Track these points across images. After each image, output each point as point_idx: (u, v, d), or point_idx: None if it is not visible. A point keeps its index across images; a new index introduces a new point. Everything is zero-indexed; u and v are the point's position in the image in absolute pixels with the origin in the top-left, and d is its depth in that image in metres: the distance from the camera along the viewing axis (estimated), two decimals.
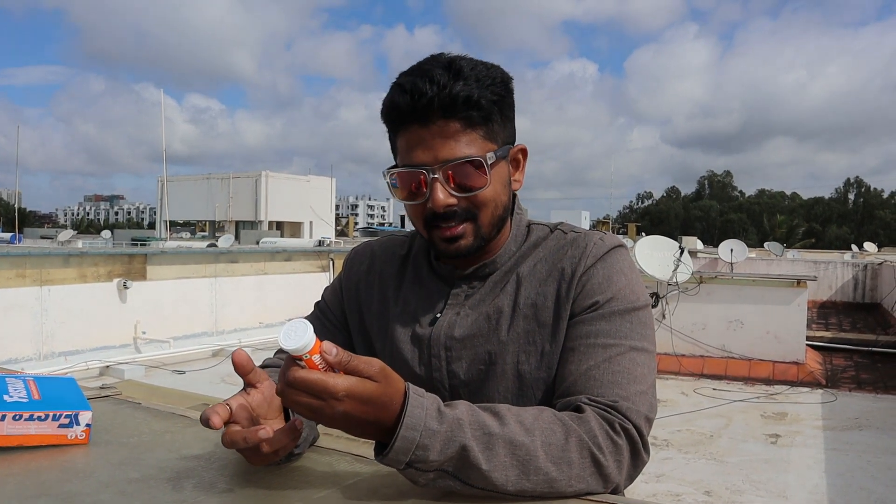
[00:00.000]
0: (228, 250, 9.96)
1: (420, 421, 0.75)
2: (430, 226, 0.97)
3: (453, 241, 0.96)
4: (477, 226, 0.97)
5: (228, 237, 22.72)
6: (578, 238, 1.01)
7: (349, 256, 1.19)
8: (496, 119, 0.95)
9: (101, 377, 6.83)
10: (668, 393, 6.44)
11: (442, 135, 0.92)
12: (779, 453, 4.80)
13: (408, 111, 0.92)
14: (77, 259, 7.50)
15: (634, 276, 0.99)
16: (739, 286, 7.59)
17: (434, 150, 0.92)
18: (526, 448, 0.78)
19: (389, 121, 0.96)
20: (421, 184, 0.94)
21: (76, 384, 1.08)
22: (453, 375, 1.00)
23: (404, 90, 0.92)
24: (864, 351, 8.38)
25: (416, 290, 1.07)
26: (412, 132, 0.93)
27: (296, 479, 0.85)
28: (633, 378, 0.89)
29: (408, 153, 0.94)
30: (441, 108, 0.91)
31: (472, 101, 0.91)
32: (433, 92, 0.90)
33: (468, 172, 0.93)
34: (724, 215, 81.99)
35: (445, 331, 1.00)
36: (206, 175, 35.22)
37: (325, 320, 1.14)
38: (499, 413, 0.81)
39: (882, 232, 70.10)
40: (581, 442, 0.81)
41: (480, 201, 0.96)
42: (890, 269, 12.01)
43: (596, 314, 0.94)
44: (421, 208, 0.96)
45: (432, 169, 0.92)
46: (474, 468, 0.77)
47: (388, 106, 0.95)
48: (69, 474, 0.85)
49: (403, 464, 0.76)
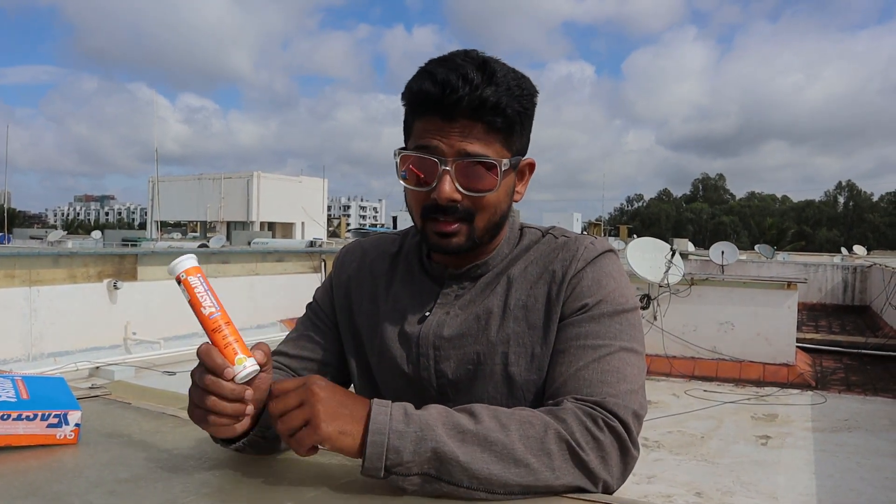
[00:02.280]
0: (220, 251, 9.93)
1: (384, 425, 0.79)
2: (427, 216, 0.97)
3: (445, 237, 0.96)
4: (472, 227, 0.97)
5: (220, 238, 22.64)
6: (569, 242, 1.02)
7: (340, 255, 1.18)
8: (517, 129, 0.96)
9: (91, 378, 6.78)
10: (659, 394, 6.45)
11: (462, 132, 0.92)
12: (769, 455, 4.82)
13: (435, 102, 0.92)
14: (67, 259, 7.46)
15: (623, 281, 1.00)
16: (730, 288, 7.62)
17: (451, 143, 0.92)
18: (502, 442, 0.79)
19: (413, 105, 0.96)
20: (430, 172, 0.94)
21: (65, 384, 1.07)
22: (441, 375, 1.00)
23: (435, 80, 0.91)
24: (853, 353, 8.42)
25: (407, 287, 1.07)
26: (433, 121, 0.93)
27: (288, 479, 0.85)
28: (622, 377, 0.89)
29: (423, 138, 0.94)
30: (469, 108, 0.91)
31: (499, 109, 0.92)
32: (464, 91, 0.90)
33: (479, 173, 0.93)
34: (716, 218, 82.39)
35: (434, 330, 1.00)
36: (198, 175, 35.12)
37: (317, 321, 1.14)
38: (473, 412, 0.82)
39: (871, 235, 70.59)
40: (559, 435, 0.81)
41: (482, 204, 0.96)
42: (879, 271, 12.09)
43: (585, 316, 0.95)
44: (423, 196, 0.96)
45: (445, 160, 0.92)
46: (453, 463, 0.78)
47: (416, 92, 0.94)
48: (58, 474, 0.85)
49: (382, 470, 0.78)
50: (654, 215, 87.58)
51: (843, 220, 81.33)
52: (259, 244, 17.24)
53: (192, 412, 0.86)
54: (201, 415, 0.84)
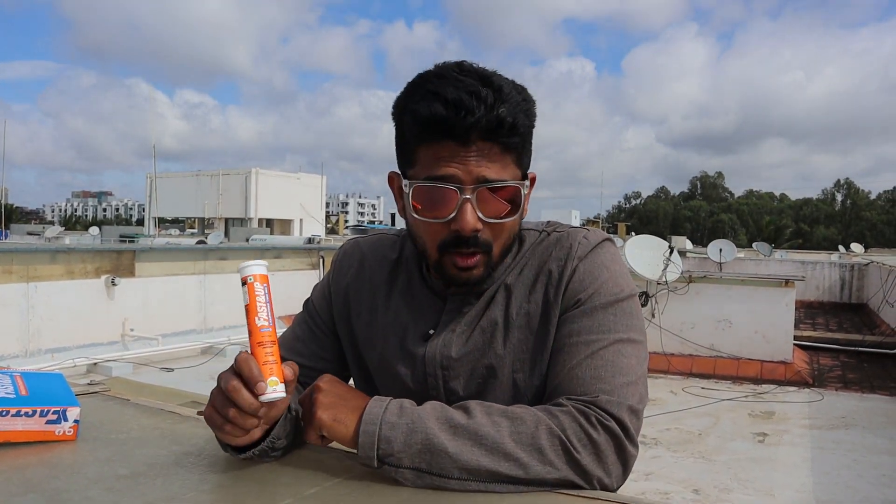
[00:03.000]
0: (217, 247, 9.92)
1: (377, 416, 0.82)
2: (445, 249, 0.92)
3: (466, 271, 0.93)
4: (490, 257, 0.93)
5: (218, 234, 22.62)
6: (563, 238, 0.99)
7: (337, 257, 1.14)
8: (527, 146, 0.93)
9: (89, 374, 6.78)
10: (657, 391, 6.46)
11: (479, 155, 0.87)
12: (766, 452, 4.84)
13: (449, 126, 0.86)
14: (65, 255, 7.45)
15: (618, 269, 0.97)
16: (728, 286, 7.63)
17: (469, 170, 0.87)
18: (492, 437, 0.80)
19: (420, 129, 0.88)
20: (448, 202, 0.88)
21: (64, 380, 1.07)
22: (451, 392, 0.98)
23: (447, 101, 0.85)
24: (850, 351, 8.44)
25: (407, 300, 1.04)
26: (445, 146, 0.87)
27: (286, 476, 0.85)
28: (617, 370, 0.88)
29: (436, 166, 0.88)
30: (486, 130, 0.86)
31: (515, 128, 0.88)
32: (480, 112, 0.85)
33: (501, 199, 0.90)
34: (714, 216, 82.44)
35: (441, 350, 0.98)
36: (196, 172, 35.06)
37: (314, 325, 1.11)
38: (467, 408, 0.84)
39: (869, 233, 70.76)
40: (550, 430, 0.81)
41: (503, 230, 0.93)
42: (876, 269, 12.12)
43: (578, 311, 0.93)
44: (440, 228, 0.91)
45: (464, 188, 0.87)
46: (443, 455, 0.79)
47: (426, 116, 0.87)
48: (57, 471, 0.84)
49: (375, 460, 0.80)
50: (652, 213, 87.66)
51: (840, 217, 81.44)
52: (257, 241, 17.24)
53: (209, 415, 0.84)
54: (218, 420, 0.82)
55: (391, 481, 0.81)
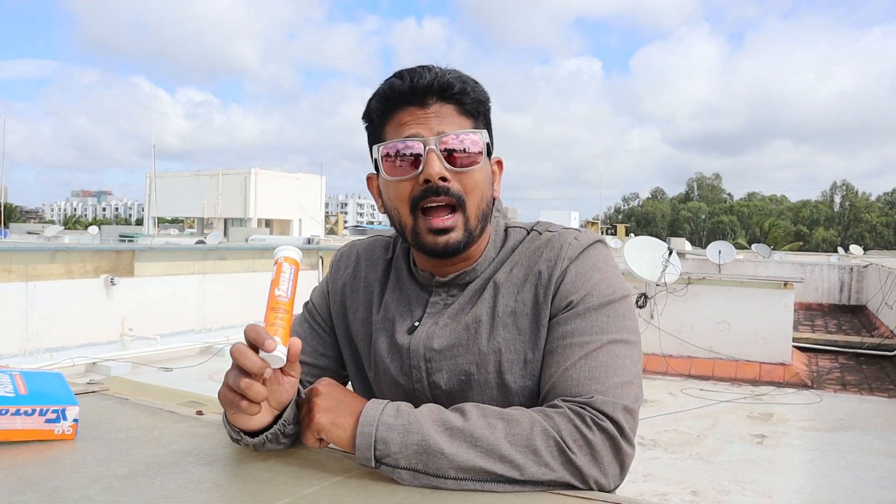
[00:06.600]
0: (217, 247, 9.91)
1: (373, 418, 0.84)
2: (418, 212, 0.96)
3: (442, 233, 0.95)
4: (465, 217, 0.96)
5: (217, 234, 22.61)
6: (553, 239, 1.00)
7: (335, 259, 1.18)
8: (482, 119, 1.00)
9: (88, 374, 6.78)
10: (656, 393, 6.46)
11: (438, 114, 0.96)
12: (765, 453, 4.84)
13: (406, 92, 0.95)
14: (64, 255, 7.44)
15: (610, 270, 0.98)
16: (727, 287, 7.63)
17: (430, 127, 0.95)
18: (488, 439, 0.81)
19: (386, 104, 0.98)
20: (414, 159, 0.95)
21: (63, 379, 1.07)
22: (435, 386, 1.00)
23: (401, 76, 0.96)
24: (849, 353, 8.45)
25: (396, 295, 1.07)
26: (407, 112, 0.96)
27: (285, 475, 0.85)
28: (611, 371, 0.89)
29: (400, 130, 0.96)
30: (438, 91, 0.95)
31: (465, 91, 0.96)
32: (431, 76, 0.95)
33: (463, 147, 0.95)
34: (714, 217, 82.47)
35: (424, 342, 1.00)
36: (196, 171, 35.05)
37: (314, 324, 1.14)
38: (463, 410, 0.85)
39: (868, 235, 70.82)
40: (545, 432, 0.82)
41: (471, 184, 0.96)
42: (875, 271, 12.12)
43: (571, 313, 0.94)
44: (410, 185, 0.96)
45: (428, 140, 0.94)
46: (439, 456, 0.80)
47: (386, 89, 0.97)
48: (56, 469, 0.85)
49: (372, 460, 0.82)
50: (650, 214, 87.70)
51: (839, 219, 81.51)
52: (256, 241, 17.23)
53: (223, 394, 0.86)
54: (230, 395, 0.84)
55: (389, 481, 0.82)
